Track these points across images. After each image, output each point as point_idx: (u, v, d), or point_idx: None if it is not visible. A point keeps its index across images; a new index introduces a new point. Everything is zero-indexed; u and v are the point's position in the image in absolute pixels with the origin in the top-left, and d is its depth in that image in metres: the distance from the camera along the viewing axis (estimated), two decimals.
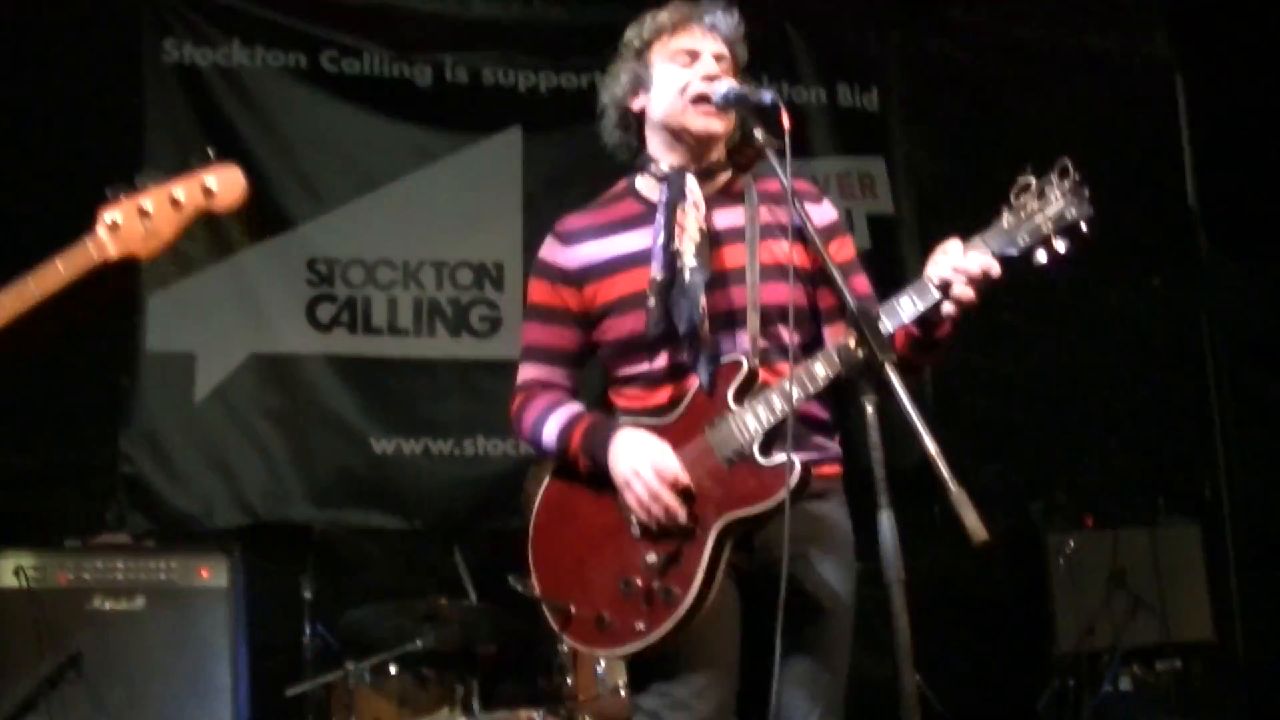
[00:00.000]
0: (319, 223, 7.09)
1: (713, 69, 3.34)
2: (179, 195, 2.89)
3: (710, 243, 3.29)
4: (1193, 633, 7.11)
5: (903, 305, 3.03)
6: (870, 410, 2.80)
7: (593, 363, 3.53)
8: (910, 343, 3.13)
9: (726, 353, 3.25)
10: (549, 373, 3.48)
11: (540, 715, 5.36)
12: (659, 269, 3.27)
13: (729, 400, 3.18)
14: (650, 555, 3.16)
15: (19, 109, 6.58)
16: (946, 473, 2.57)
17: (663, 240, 3.28)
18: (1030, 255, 3.01)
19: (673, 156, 3.39)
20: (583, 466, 3.29)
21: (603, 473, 3.23)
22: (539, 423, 3.38)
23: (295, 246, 7.05)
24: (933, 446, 2.60)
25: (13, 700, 5.44)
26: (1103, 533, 7.10)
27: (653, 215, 3.36)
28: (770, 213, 3.36)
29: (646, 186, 3.45)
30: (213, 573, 5.86)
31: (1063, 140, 7.98)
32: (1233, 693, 7.23)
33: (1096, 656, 6.79)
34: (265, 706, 5.92)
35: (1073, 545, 7.00)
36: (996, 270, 2.98)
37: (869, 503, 2.75)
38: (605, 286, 3.37)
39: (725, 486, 3.13)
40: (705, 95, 3.29)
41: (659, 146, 3.43)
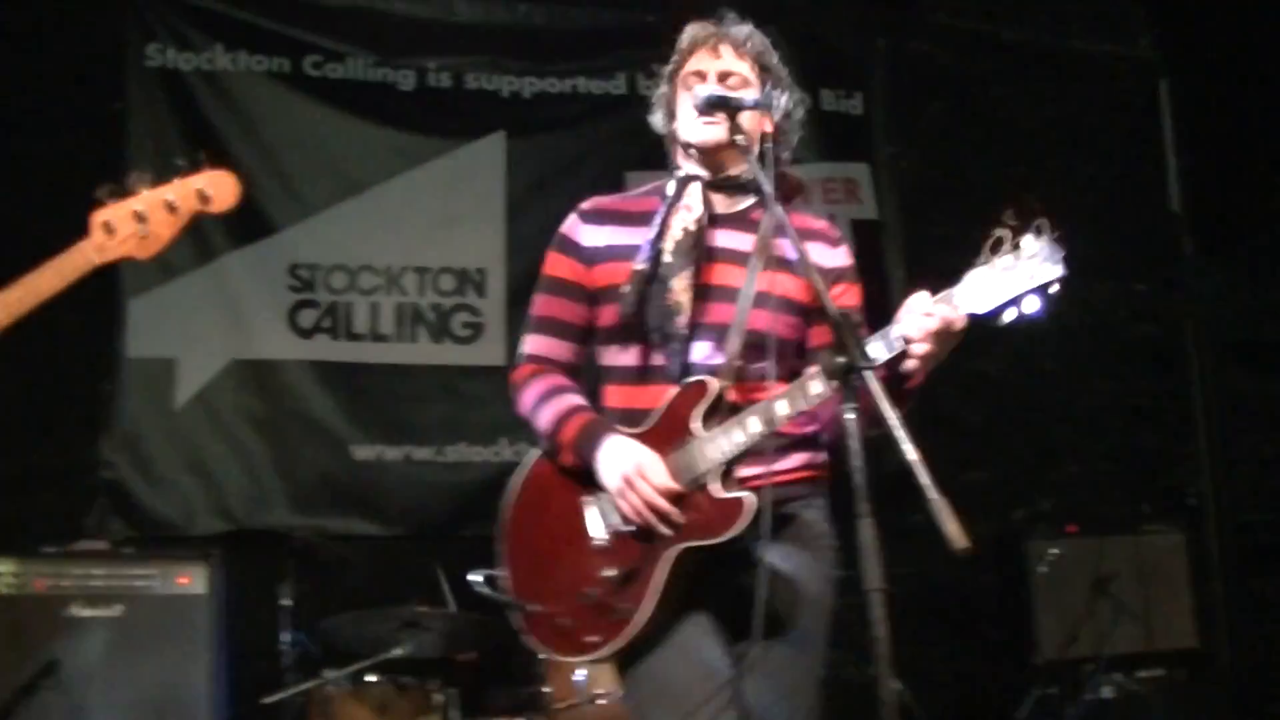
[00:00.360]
0: (301, 228, 7.08)
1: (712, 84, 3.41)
2: (173, 199, 2.99)
3: (703, 256, 3.34)
4: (1176, 640, 7.10)
5: (871, 351, 3.00)
6: (850, 419, 2.79)
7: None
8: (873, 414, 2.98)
9: (702, 362, 3.27)
10: (556, 346, 3.48)
11: None
12: (641, 261, 3.32)
13: (694, 425, 3.18)
14: (609, 569, 3.17)
15: (1, 113, 6.55)
16: (927, 481, 2.57)
17: (652, 236, 3.34)
18: (999, 314, 2.98)
19: (690, 166, 3.46)
20: (568, 461, 3.30)
21: (586, 472, 3.24)
22: (539, 404, 3.39)
23: (277, 252, 7.03)
24: (913, 454, 2.61)
25: None
26: (1086, 540, 7.07)
27: None
28: (786, 247, 3.34)
29: (670, 189, 3.50)
30: (192, 579, 5.82)
31: (1047, 143, 8.10)
32: (1216, 701, 7.22)
33: (1079, 664, 6.76)
34: (243, 714, 5.87)
35: (1056, 552, 6.98)
36: (960, 324, 2.98)
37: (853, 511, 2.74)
38: (603, 271, 3.42)
39: (685, 513, 3.13)
40: (695, 105, 3.35)
41: (680, 158, 3.50)
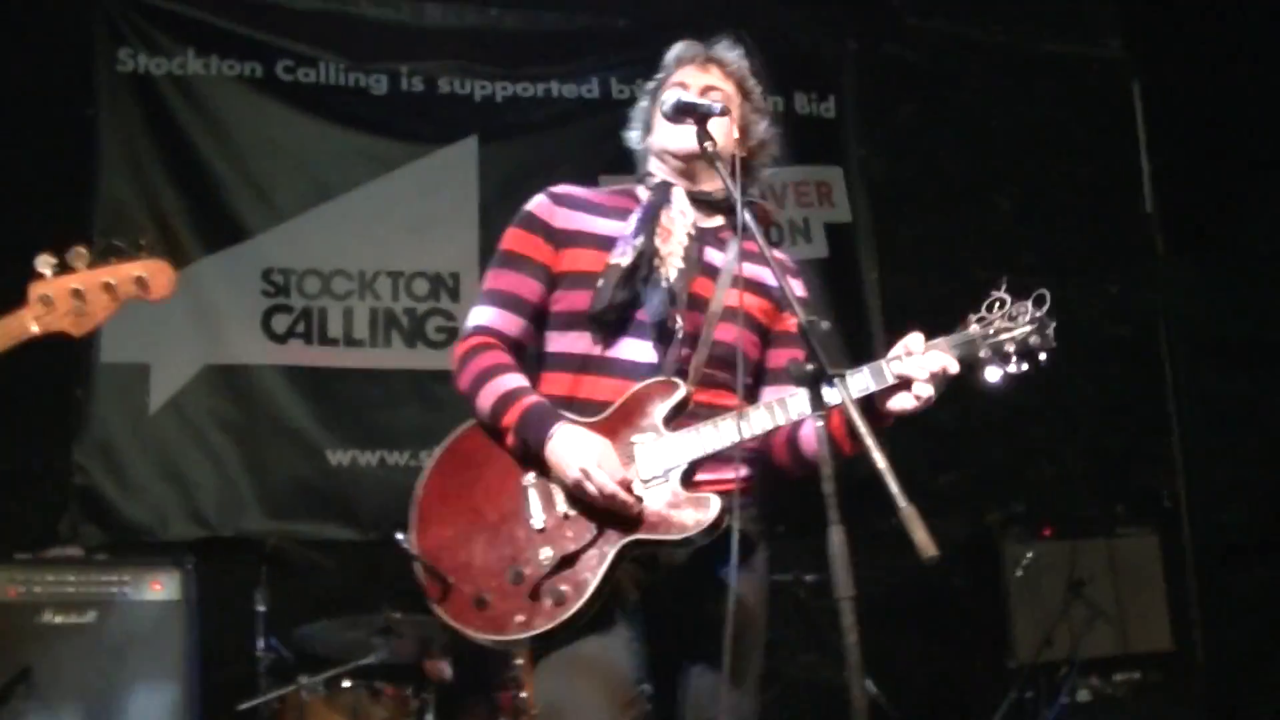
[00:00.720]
0: (274, 233, 7.06)
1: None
2: (111, 282, 3.00)
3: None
4: (1151, 643, 7.13)
5: (855, 381, 3.05)
6: (819, 426, 2.80)
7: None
8: (847, 425, 2.96)
9: (674, 363, 3.29)
10: (508, 320, 3.43)
11: None
12: (619, 255, 3.33)
13: (660, 422, 3.20)
14: (546, 550, 3.17)
15: None
16: (896, 489, 2.58)
17: (632, 230, 3.37)
18: (984, 368, 3.10)
19: (664, 172, 3.51)
20: (510, 444, 3.29)
21: (532, 457, 3.22)
22: (480, 380, 3.34)
23: (250, 257, 7.01)
24: (882, 462, 2.61)
25: None
26: (1061, 543, 7.09)
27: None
28: (749, 268, 3.38)
29: (642, 193, 3.54)
30: (165, 586, 5.82)
31: (1020, 145, 8.12)
32: (1191, 703, 7.24)
33: (1054, 667, 6.77)
34: None
35: (1031, 556, 6.99)
36: (955, 369, 3.07)
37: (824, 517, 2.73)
38: (572, 256, 3.41)
39: (640, 507, 3.14)
40: (663, 111, 3.39)
41: (655, 166, 3.56)
